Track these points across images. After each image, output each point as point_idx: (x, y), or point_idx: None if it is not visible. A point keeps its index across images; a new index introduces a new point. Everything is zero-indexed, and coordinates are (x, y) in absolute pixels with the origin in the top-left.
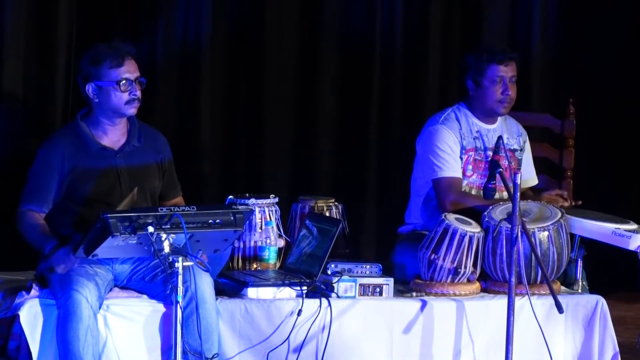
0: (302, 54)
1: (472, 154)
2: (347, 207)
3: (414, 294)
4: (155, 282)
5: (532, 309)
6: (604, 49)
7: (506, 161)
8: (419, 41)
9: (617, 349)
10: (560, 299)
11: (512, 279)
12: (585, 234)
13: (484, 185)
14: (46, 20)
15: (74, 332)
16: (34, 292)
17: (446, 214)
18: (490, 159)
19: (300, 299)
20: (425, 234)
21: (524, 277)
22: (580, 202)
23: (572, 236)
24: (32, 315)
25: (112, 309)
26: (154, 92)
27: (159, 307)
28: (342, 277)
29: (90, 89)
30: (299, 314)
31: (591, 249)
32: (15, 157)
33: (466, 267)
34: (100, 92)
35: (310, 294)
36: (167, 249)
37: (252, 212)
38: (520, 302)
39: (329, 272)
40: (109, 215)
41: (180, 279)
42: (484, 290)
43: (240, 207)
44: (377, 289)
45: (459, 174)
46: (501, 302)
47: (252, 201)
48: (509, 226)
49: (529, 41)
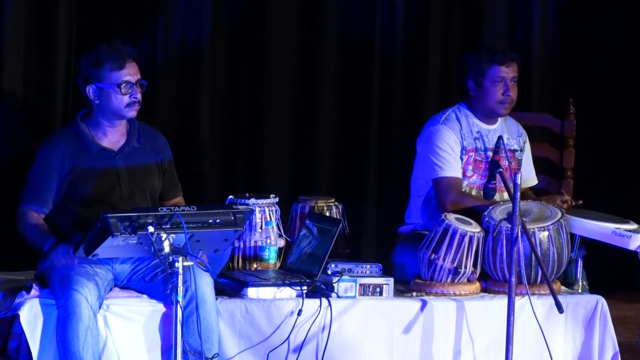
0: (302, 54)
1: (472, 154)
2: (347, 207)
3: (414, 293)
4: (155, 282)
5: (532, 308)
6: (604, 49)
7: (506, 161)
8: (419, 41)
9: (617, 348)
10: (560, 298)
11: (512, 279)
12: (585, 233)
13: (484, 185)
14: (46, 20)
15: (74, 332)
16: (34, 292)
17: (446, 214)
18: (490, 159)
19: (300, 299)
20: (425, 234)
21: (524, 277)
22: (580, 201)
23: (572, 236)
24: (32, 315)
25: (112, 308)
26: (154, 92)
27: (159, 307)
28: (342, 277)
29: (90, 90)
30: (299, 313)
31: (591, 248)
32: (15, 157)
33: (466, 267)
34: (100, 94)
35: (310, 294)
36: (167, 249)
37: (252, 212)
38: (520, 302)
39: (329, 272)
40: (109, 215)
41: (180, 278)
42: (484, 290)
43: (240, 207)
44: (377, 289)
45: (459, 174)
46: (501, 302)
47: (252, 201)
48: (509, 226)
49: (529, 41)
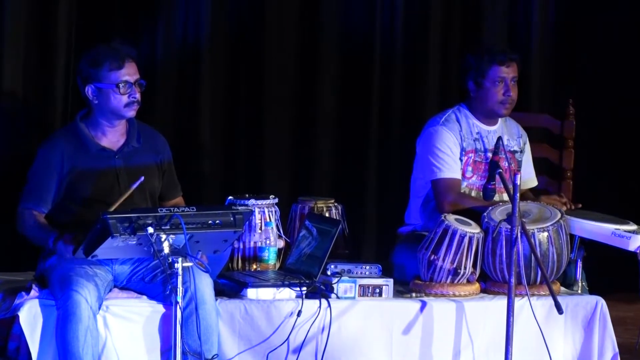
0: (302, 54)
1: (472, 155)
2: (347, 208)
3: (414, 294)
4: (154, 282)
5: (532, 309)
6: (604, 49)
7: (506, 162)
8: (419, 41)
9: (617, 349)
10: (559, 299)
11: (511, 280)
12: (584, 234)
13: (483, 186)
14: (46, 20)
15: (74, 332)
16: (34, 292)
17: (446, 214)
18: (490, 160)
19: (299, 300)
20: (425, 235)
21: (523, 278)
22: (580, 205)
23: (572, 237)
24: (32, 316)
25: (112, 309)
26: (154, 92)
27: (159, 308)
28: (342, 277)
29: (89, 90)
30: (299, 314)
31: (591, 249)
32: (15, 157)
33: (466, 267)
34: (99, 94)
35: (309, 295)
36: (166, 250)
37: (251, 212)
38: (519, 303)
39: (329, 272)
40: (109, 216)
41: (179, 279)
42: (484, 291)
43: (239, 208)
44: (377, 290)
45: (458, 176)
46: (501, 302)
47: (251, 202)
48: (509, 227)
49: (529, 41)
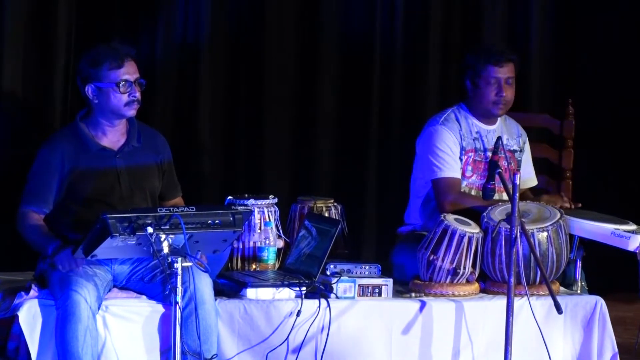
0: (302, 54)
1: (471, 154)
2: (347, 207)
3: (413, 294)
4: (154, 282)
5: (531, 309)
6: (604, 48)
7: (505, 162)
8: (419, 41)
9: (616, 349)
10: (559, 299)
11: (511, 280)
12: (584, 234)
13: (483, 185)
14: (46, 20)
15: (73, 332)
16: (33, 292)
17: (445, 214)
18: (489, 159)
19: (299, 300)
20: (424, 235)
21: (523, 278)
22: (580, 204)
23: (571, 237)
24: (31, 315)
25: (111, 309)
26: (154, 92)
27: (158, 308)
28: (341, 277)
29: (89, 90)
30: (298, 314)
31: (590, 249)
32: (14, 158)
33: (465, 267)
34: (99, 93)
35: (309, 295)
36: (166, 250)
37: (251, 212)
38: (519, 303)
39: (328, 272)
40: (108, 215)
41: (179, 279)
42: (483, 290)
43: (239, 208)
44: (376, 290)
45: (458, 175)
46: (500, 302)
47: (251, 202)
48: (508, 227)
49: (529, 41)
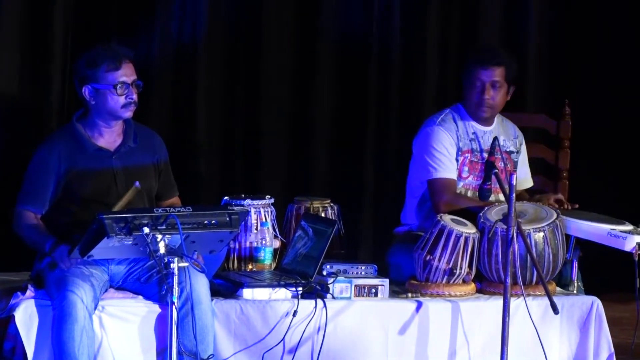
0: (300, 55)
1: (468, 155)
2: (344, 208)
3: (410, 294)
4: (150, 282)
5: (528, 309)
6: (601, 49)
7: (502, 163)
8: (417, 41)
9: (613, 349)
10: (555, 299)
11: (507, 280)
12: (580, 234)
13: (479, 186)
14: (43, 21)
15: (69, 332)
16: (30, 292)
17: (442, 215)
18: (485, 160)
19: (295, 300)
20: (421, 235)
21: (519, 278)
22: (577, 205)
23: (568, 237)
24: (28, 316)
25: (108, 309)
26: (151, 93)
27: (155, 308)
28: (338, 278)
29: (86, 91)
30: (295, 314)
31: (586, 249)
32: (11, 158)
33: (461, 268)
34: (96, 94)
35: (305, 295)
36: (162, 250)
37: (247, 213)
38: (515, 303)
39: (325, 273)
40: (105, 216)
41: (175, 279)
42: (479, 291)
43: (235, 208)
44: (373, 290)
45: (453, 176)
46: (496, 303)
47: (247, 202)
48: (505, 227)
49: (526, 41)
